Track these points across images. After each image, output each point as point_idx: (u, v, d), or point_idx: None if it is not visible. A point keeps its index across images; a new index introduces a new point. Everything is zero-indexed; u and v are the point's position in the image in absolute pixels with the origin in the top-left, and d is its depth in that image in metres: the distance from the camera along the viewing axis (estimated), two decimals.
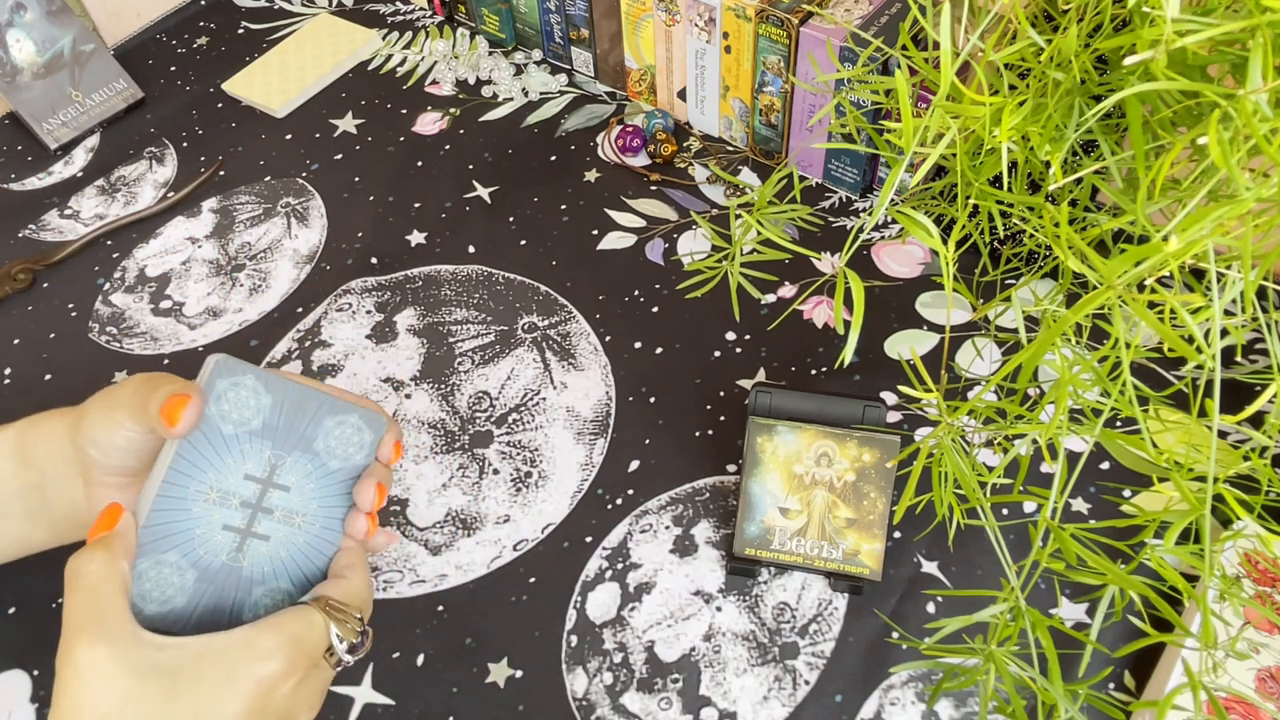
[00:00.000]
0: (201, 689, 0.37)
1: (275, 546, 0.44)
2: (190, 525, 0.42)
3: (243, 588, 0.43)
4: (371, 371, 0.69)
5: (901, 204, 0.69)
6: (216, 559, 0.43)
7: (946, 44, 0.37)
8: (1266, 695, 0.49)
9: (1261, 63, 0.29)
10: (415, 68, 0.93)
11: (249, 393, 0.42)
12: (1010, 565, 0.42)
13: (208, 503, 0.42)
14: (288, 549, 0.44)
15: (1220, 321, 0.33)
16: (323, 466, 0.45)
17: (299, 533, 0.44)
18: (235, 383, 0.42)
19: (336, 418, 0.44)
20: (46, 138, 0.86)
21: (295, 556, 0.44)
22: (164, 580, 0.42)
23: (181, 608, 0.42)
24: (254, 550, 0.43)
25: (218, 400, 0.42)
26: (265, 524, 0.44)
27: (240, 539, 0.43)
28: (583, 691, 0.54)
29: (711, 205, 0.78)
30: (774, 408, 0.56)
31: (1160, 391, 0.51)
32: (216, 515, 0.43)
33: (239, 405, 0.42)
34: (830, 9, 0.72)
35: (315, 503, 0.45)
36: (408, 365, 0.69)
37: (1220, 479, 0.37)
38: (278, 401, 0.43)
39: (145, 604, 0.41)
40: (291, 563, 0.44)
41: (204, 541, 0.43)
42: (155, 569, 0.41)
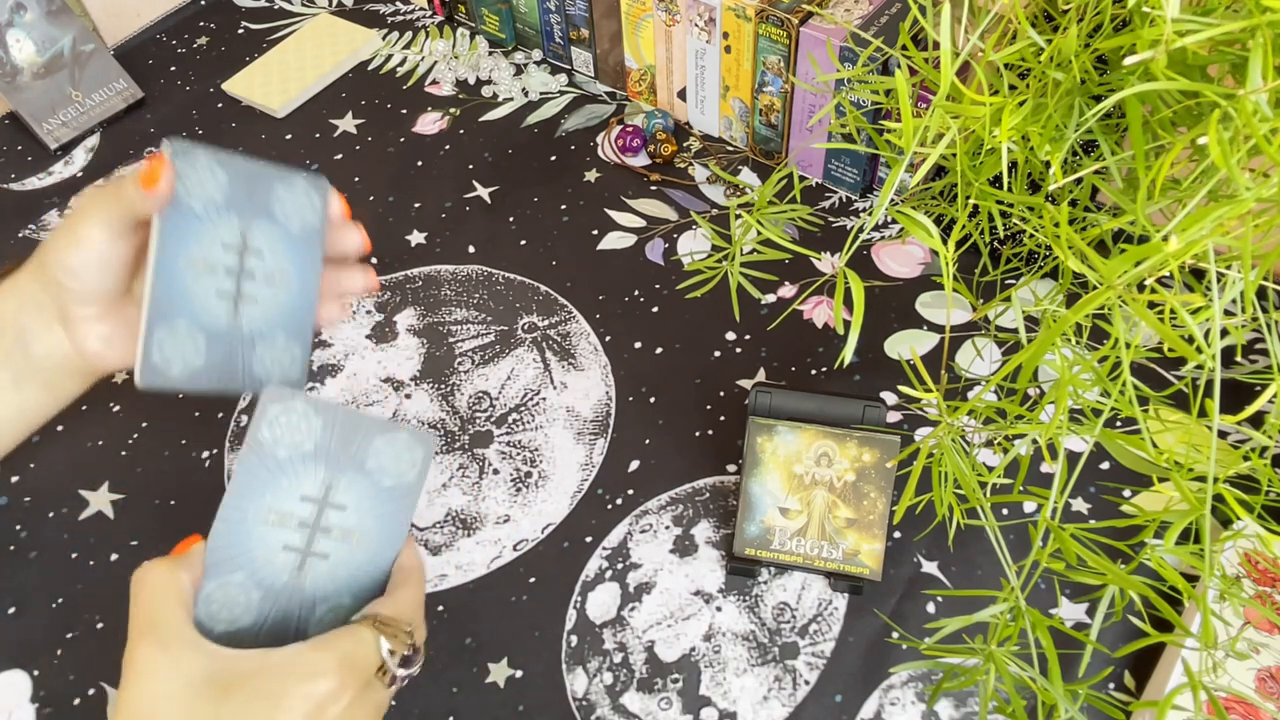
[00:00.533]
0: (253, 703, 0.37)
1: (335, 564, 0.45)
2: (252, 546, 0.43)
3: (306, 605, 0.44)
4: (371, 371, 0.69)
5: (901, 204, 0.69)
6: (279, 578, 0.44)
7: (946, 44, 0.37)
8: (1266, 695, 0.49)
9: (1261, 63, 0.29)
10: (415, 68, 0.93)
11: (300, 417, 0.44)
12: (1010, 565, 0.42)
13: (267, 525, 0.43)
14: (347, 566, 0.45)
15: (1220, 321, 0.33)
16: (376, 485, 0.45)
17: (358, 550, 0.45)
18: (287, 408, 0.43)
19: (386, 436, 0.45)
20: (46, 138, 0.86)
21: (355, 573, 0.45)
22: (230, 600, 0.43)
23: (248, 626, 0.43)
24: (315, 569, 0.44)
25: (271, 425, 0.43)
26: (324, 543, 0.45)
27: (301, 558, 0.44)
28: (583, 691, 0.54)
29: (711, 205, 0.78)
30: (774, 408, 0.56)
31: (1160, 391, 0.51)
32: (276, 536, 0.44)
33: (291, 429, 0.44)
34: (830, 9, 0.72)
35: (372, 520, 0.45)
36: (408, 365, 0.69)
37: (1220, 479, 0.37)
38: (328, 424, 0.44)
39: (214, 624, 0.42)
40: (352, 579, 0.45)
41: (266, 562, 0.44)
42: (221, 590, 0.43)
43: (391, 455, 0.45)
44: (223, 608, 0.43)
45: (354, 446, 0.45)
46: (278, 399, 0.43)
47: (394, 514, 0.46)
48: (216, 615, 0.42)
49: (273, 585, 0.44)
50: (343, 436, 0.45)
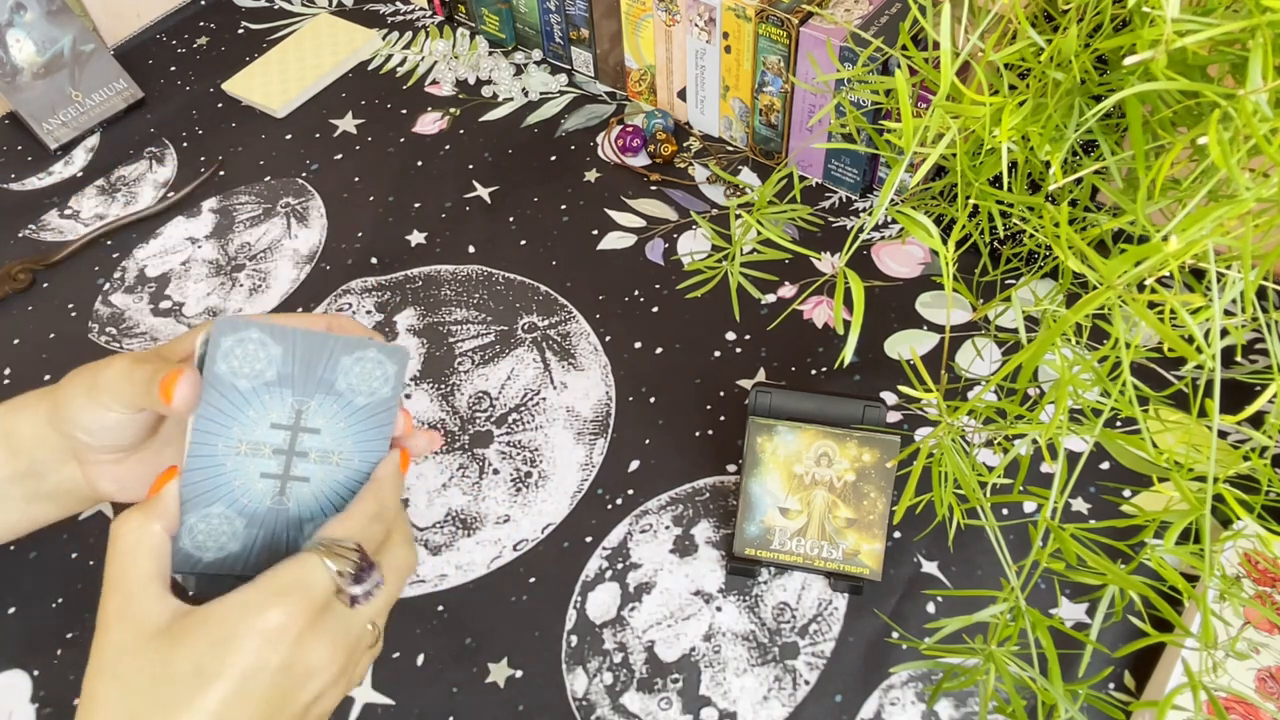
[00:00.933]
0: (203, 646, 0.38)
1: (317, 485, 0.45)
2: (228, 479, 0.44)
3: (294, 526, 0.45)
4: None
5: (901, 204, 0.69)
6: (261, 504, 0.44)
7: (946, 44, 0.37)
8: (1266, 695, 0.49)
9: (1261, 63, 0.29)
10: (415, 68, 0.93)
11: (256, 345, 0.43)
12: (1010, 565, 0.42)
13: (240, 455, 0.44)
14: (330, 485, 0.45)
15: (1220, 321, 0.33)
16: (349, 405, 0.45)
17: (339, 470, 0.45)
18: (240, 339, 0.43)
19: (354, 355, 0.45)
20: (46, 138, 0.86)
21: (340, 491, 0.46)
22: (214, 530, 0.44)
23: (237, 552, 0.44)
24: (297, 492, 0.45)
25: (226, 358, 0.42)
26: (302, 467, 0.45)
27: (280, 484, 0.45)
28: (583, 691, 0.54)
29: (711, 205, 0.78)
30: (774, 408, 0.56)
31: (1160, 391, 0.51)
32: (251, 466, 0.44)
33: (248, 360, 0.43)
34: (830, 9, 0.72)
35: (350, 440, 0.45)
36: (408, 365, 0.69)
37: (1220, 479, 0.37)
38: (288, 349, 0.44)
39: (203, 553, 0.43)
40: (337, 498, 0.46)
41: (245, 491, 0.44)
42: (204, 521, 0.44)
43: (361, 374, 0.45)
44: (208, 537, 0.43)
45: (320, 369, 0.44)
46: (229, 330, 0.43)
47: (372, 430, 0.46)
48: (203, 545, 0.43)
49: (255, 512, 0.44)
50: (306, 360, 0.44)
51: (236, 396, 0.43)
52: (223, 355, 0.42)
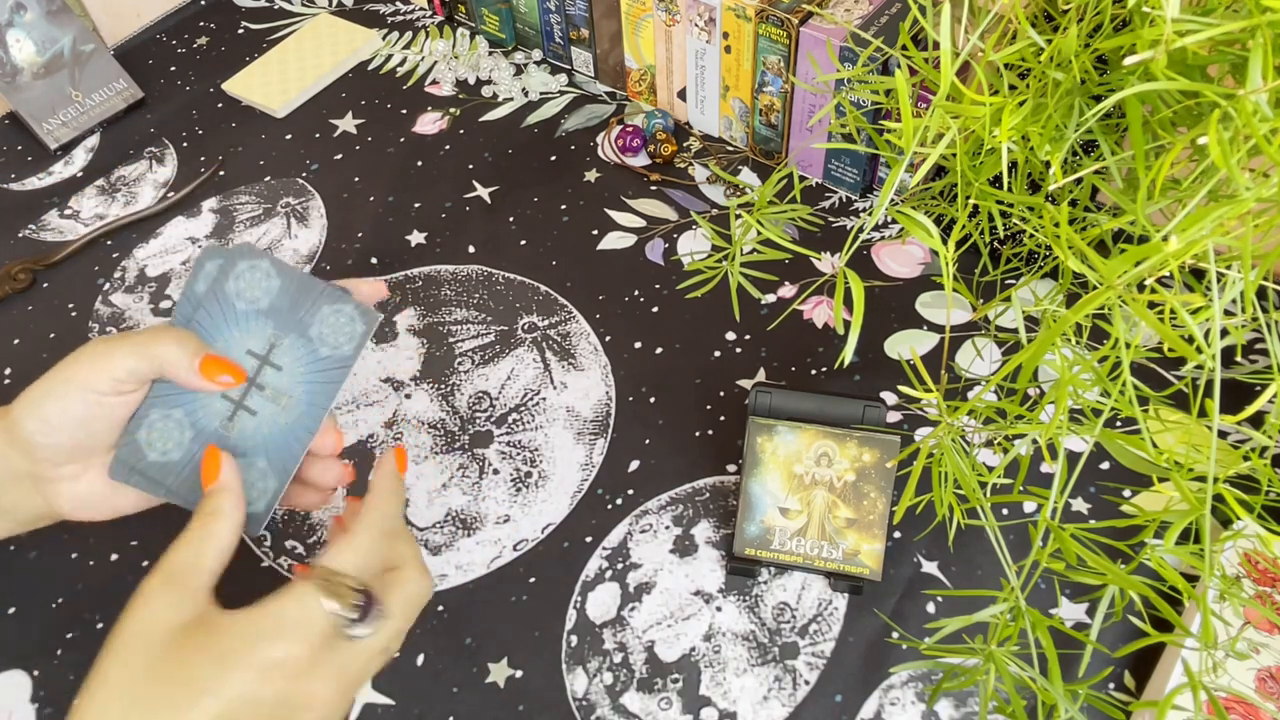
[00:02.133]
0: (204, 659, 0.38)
1: (259, 423, 0.47)
2: None
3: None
4: (371, 371, 0.69)
5: (901, 204, 0.69)
6: (211, 424, 0.46)
7: (946, 44, 0.37)
8: (1266, 695, 0.49)
9: (1261, 63, 0.29)
10: (415, 68, 0.93)
11: (263, 275, 0.46)
12: (1010, 565, 0.42)
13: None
14: (269, 427, 0.47)
15: (1220, 321, 0.33)
16: (314, 352, 0.47)
17: (281, 414, 0.47)
18: (253, 265, 0.46)
19: (334, 306, 0.47)
20: (46, 138, 0.86)
21: (274, 436, 0.47)
22: (168, 434, 0.46)
23: (176, 461, 0.46)
24: (242, 422, 0.46)
25: (236, 279, 0.46)
26: (256, 399, 0.47)
27: (234, 409, 0.46)
28: (583, 691, 0.54)
29: (711, 205, 0.78)
30: (774, 408, 0.56)
31: (1160, 391, 0.51)
32: None
33: (252, 285, 0.46)
34: (830, 9, 0.72)
35: (302, 387, 0.47)
36: (408, 365, 0.69)
37: (1220, 479, 0.37)
38: (285, 285, 0.46)
39: (149, 451, 0.46)
40: (270, 442, 0.47)
41: (205, 405, 0.46)
42: (163, 421, 0.46)
43: (333, 326, 0.47)
44: (160, 438, 0.46)
45: (302, 310, 0.47)
46: (247, 255, 0.46)
47: (323, 385, 0.47)
48: (154, 444, 0.46)
49: (205, 428, 0.46)
50: (294, 299, 0.47)
51: (231, 314, 0.46)
52: (235, 275, 0.46)
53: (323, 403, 0.47)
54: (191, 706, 0.37)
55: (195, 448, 0.46)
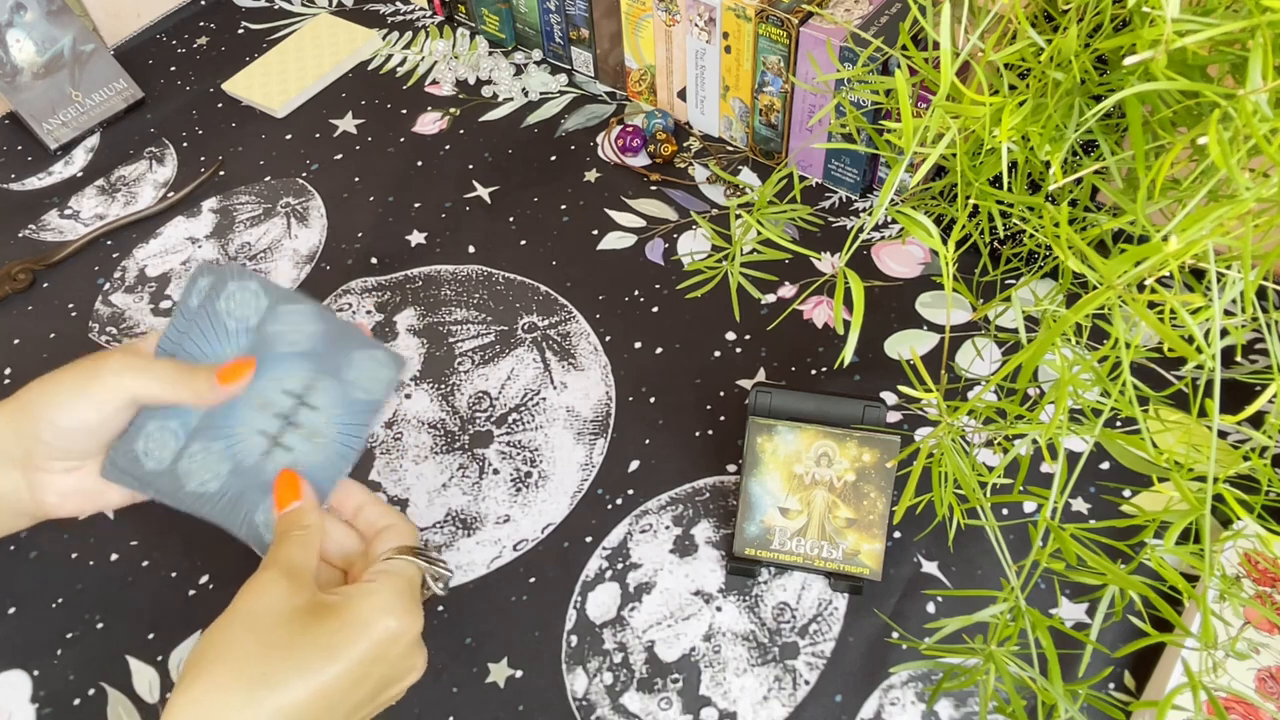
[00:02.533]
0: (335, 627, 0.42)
1: (294, 460, 0.48)
2: (236, 422, 0.48)
3: (261, 490, 0.48)
4: None
5: (901, 204, 0.69)
6: (250, 458, 0.48)
7: (946, 44, 0.37)
8: (1266, 695, 0.49)
9: (1261, 63, 0.29)
10: (415, 68, 0.93)
11: (304, 318, 0.49)
12: (1010, 565, 0.42)
13: (253, 408, 0.48)
14: (304, 465, 0.48)
15: (1220, 321, 0.33)
16: (347, 395, 0.49)
17: (316, 452, 0.49)
18: (295, 309, 0.49)
19: (367, 351, 0.49)
20: (46, 138, 0.86)
21: (308, 473, 0.48)
22: (207, 466, 0.47)
23: (214, 493, 0.47)
24: (277, 459, 0.48)
25: (279, 322, 0.48)
26: (291, 437, 0.48)
27: (270, 445, 0.48)
28: (583, 691, 0.54)
29: (711, 205, 0.78)
30: (774, 408, 0.56)
31: (1160, 391, 0.51)
32: (256, 419, 0.48)
33: (295, 329, 0.48)
34: (830, 9, 0.72)
35: (336, 427, 0.49)
36: (408, 365, 0.69)
37: (1220, 479, 0.37)
38: (323, 330, 0.49)
39: (187, 482, 0.47)
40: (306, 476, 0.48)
41: (243, 440, 0.48)
42: (204, 454, 0.47)
43: (368, 370, 0.49)
44: (200, 468, 0.47)
45: (339, 355, 0.49)
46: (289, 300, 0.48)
47: (355, 425, 0.49)
48: (192, 474, 0.47)
49: (242, 463, 0.48)
50: (332, 343, 0.49)
51: (274, 357, 0.48)
52: (277, 317, 0.48)
53: (355, 444, 0.49)
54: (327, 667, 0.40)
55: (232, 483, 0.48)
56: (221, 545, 0.61)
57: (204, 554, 0.61)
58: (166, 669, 0.56)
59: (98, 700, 0.55)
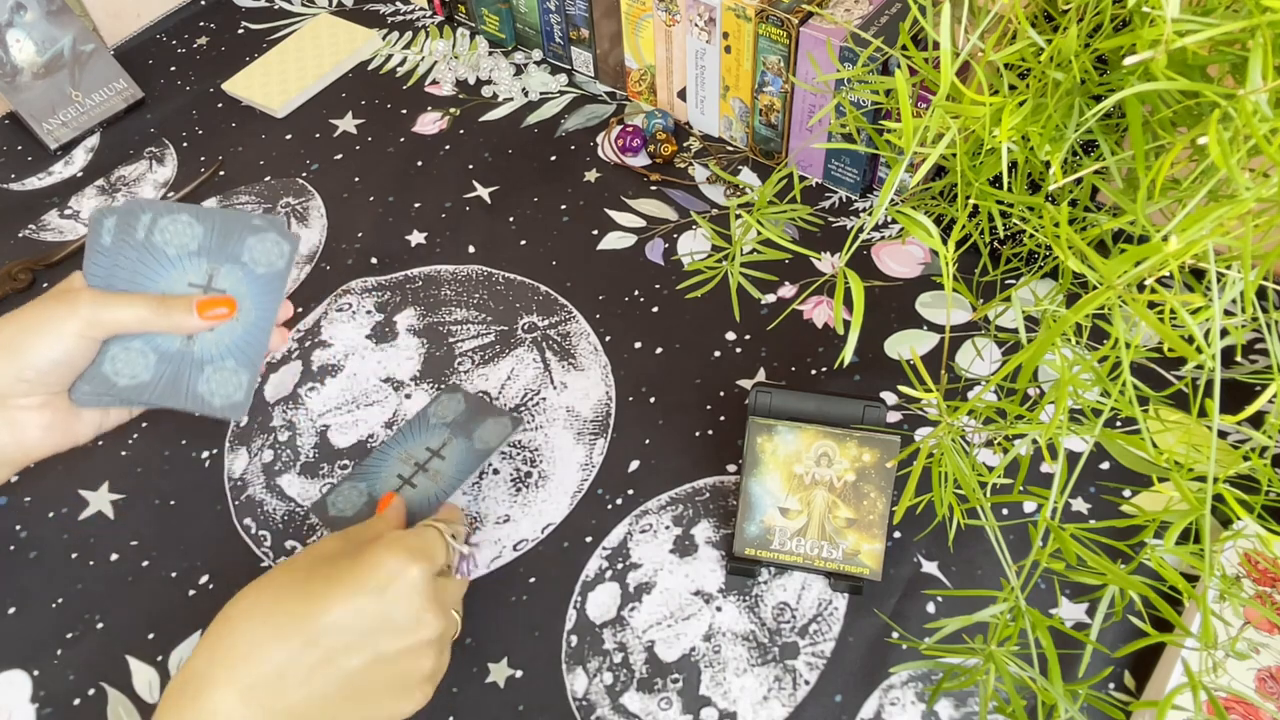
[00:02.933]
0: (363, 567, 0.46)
1: (219, 334, 0.55)
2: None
3: (195, 366, 0.54)
4: (371, 371, 0.69)
5: (901, 204, 0.69)
6: (172, 345, 0.54)
7: (946, 44, 0.37)
8: (1266, 695, 0.49)
9: (1261, 63, 0.29)
10: (415, 68, 0.93)
11: (185, 225, 0.55)
12: (1010, 565, 0.42)
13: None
14: (230, 335, 0.55)
15: (1220, 321, 0.33)
16: (251, 273, 0.55)
17: (237, 323, 0.55)
18: (174, 219, 0.55)
19: (257, 236, 0.56)
20: (46, 138, 0.86)
21: (236, 341, 0.55)
22: (131, 361, 0.53)
23: (147, 381, 0.53)
24: (201, 338, 0.54)
25: (161, 232, 0.54)
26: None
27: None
28: (583, 691, 0.54)
29: (711, 205, 0.78)
30: (774, 408, 0.56)
31: (1160, 391, 0.51)
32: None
33: (178, 234, 0.54)
34: (830, 9, 0.72)
35: (249, 301, 0.55)
36: (408, 365, 0.69)
37: (1220, 479, 0.37)
38: (209, 229, 0.55)
39: (118, 379, 0.52)
40: (234, 346, 0.55)
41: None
42: (124, 352, 0.52)
43: (262, 250, 0.56)
44: (125, 366, 0.52)
45: (230, 244, 0.55)
46: (167, 212, 0.54)
47: (268, 294, 0.56)
48: (120, 371, 0.52)
49: (166, 350, 0.54)
50: (221, 236, 0.55)
51: (165, 260, 0.54)
52: (159, 230, 0.54)
53: (270, 309, 0.56)
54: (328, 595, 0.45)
55: (164, 368, 0.53)
56: (221, 545, 0.61)
57: (204, 554, 0.61)
58: (166, 669, 0.56)
59: (98, 700, 0.55)
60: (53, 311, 0.49)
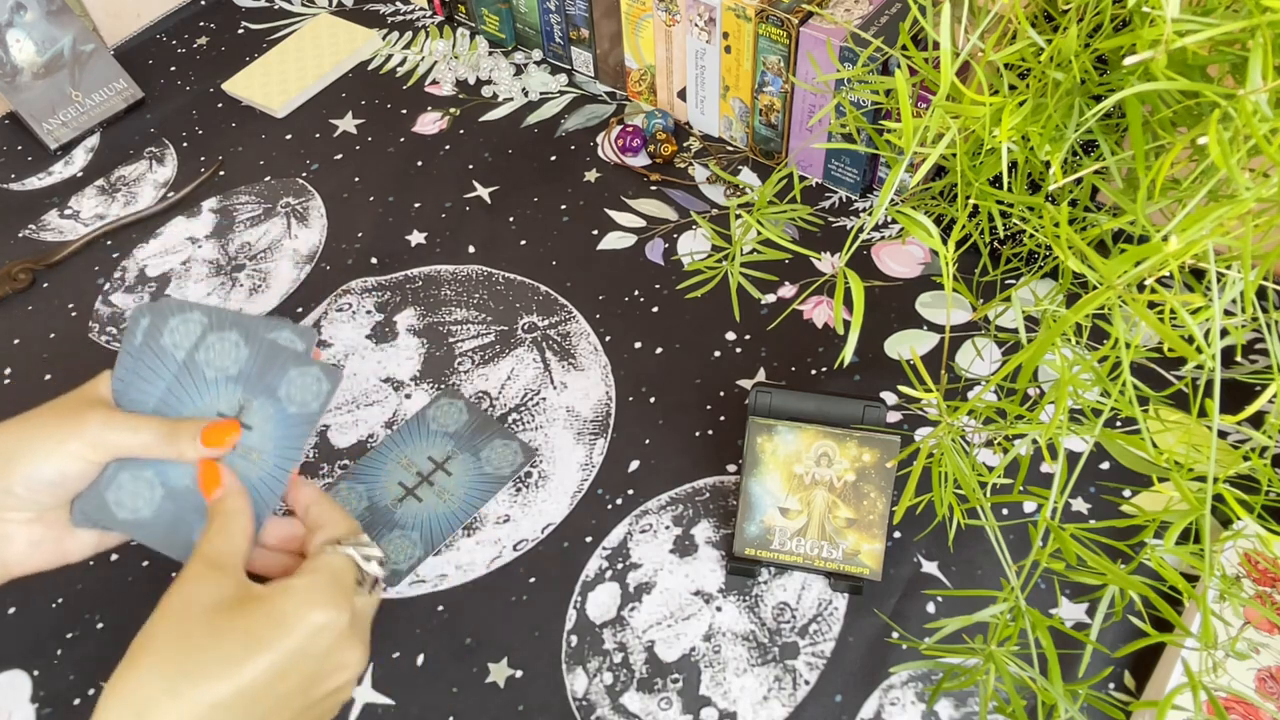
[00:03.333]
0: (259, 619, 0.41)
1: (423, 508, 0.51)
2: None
3: (198, 510, 0.47)
4: (371, 371, 0.69)
5: (901, 204, 0.69)
6: (181, 481, 0.47)
7: (946, 44, 0.37)
8: (1266, 695, 0.49)
9: (1261, 63, 0.29)
10: (415, 68, 0.93)
11: (231, 345, 0.49)
12: (1010, 565, 0.42)
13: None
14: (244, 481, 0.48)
15: (1220, 321, 0.33)
16: (282, 411, 0.49)
17: (253, 468, 0.48)
18: (222, 336, 0.48)
19: (300, 369, 0.49)
20: (46, 138, 0.86)
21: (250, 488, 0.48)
22: (137, 492, 0.47)
23: (147, 519, 0.47)
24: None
25: (206, 350, 0.48)
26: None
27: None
28: (583, 691, 0.54)
29: (711, 205, 0.78)
30: (774, 408, 0.56)
31: (1160, 391, 0.51)
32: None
33: (222, 354, 0.48)
34: (830, 9, 0.72)
35: (271, 443, 0.49)
36: (408, 365, 0.69)
37: (1220, 479, 0.37)
38: (254, 353, 0.49)
39: (119, 510, 0.46)
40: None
41: (174, 464, 0.47)
42: (133, 481, 0.47)
43: (301, 386, 0.49)
44: (130, 497, 0.47)
45: (271, 375, 0.49)
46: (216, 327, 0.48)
47: (292, 439, 0.49)
48: (123, 503, 0.47)
49: (175, 486, 0.47)
50: (264, 364, 0.49)
51: (201, 382, 0.48)
52: (205, 347, 0.48)
53: (292, 456, 0.49)
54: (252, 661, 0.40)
55: (168, 506, 0.47)
56: None
57: None
58: None
59: (97, 700, 0.55)
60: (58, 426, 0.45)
